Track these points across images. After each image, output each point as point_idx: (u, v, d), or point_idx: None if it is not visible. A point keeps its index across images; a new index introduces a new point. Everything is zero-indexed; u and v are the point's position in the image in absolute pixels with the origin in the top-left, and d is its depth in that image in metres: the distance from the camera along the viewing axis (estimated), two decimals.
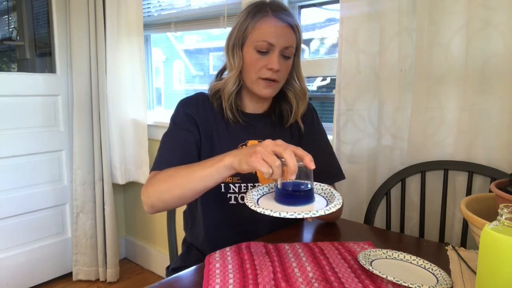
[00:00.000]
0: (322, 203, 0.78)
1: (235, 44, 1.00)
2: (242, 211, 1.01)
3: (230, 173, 0.78)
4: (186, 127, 1.00)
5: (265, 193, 0.84)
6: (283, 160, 0.71)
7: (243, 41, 0.99)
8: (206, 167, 0.80)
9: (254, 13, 0.97)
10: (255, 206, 0.74)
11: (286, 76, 1.03)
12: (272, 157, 0.71)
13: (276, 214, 0.70)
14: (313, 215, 0.70)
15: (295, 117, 1.07)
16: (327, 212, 0.71)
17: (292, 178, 0.70)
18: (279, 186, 0.77)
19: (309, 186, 0.78)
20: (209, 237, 1.06)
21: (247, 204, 0.76)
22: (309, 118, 1.11)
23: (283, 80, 1.02)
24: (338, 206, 0.74)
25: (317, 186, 0.84)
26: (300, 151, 0.72)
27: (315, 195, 0.81)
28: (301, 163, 0.72)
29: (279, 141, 0.74)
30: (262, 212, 0.71)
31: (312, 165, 0.72)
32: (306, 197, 0.77)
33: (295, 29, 0.99)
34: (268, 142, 0.73)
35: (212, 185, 0.82)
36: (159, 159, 0.96)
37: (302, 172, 0.75)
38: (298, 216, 0.70)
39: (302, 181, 0.76)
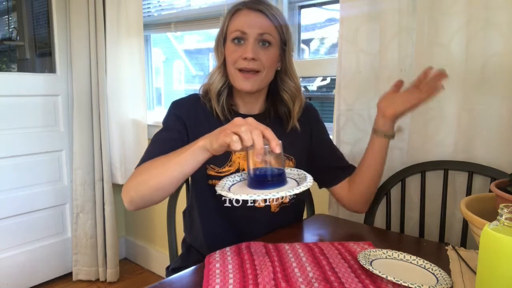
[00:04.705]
0: (293, 185, 0.78)
1: (219, 43, 1.03)
2: (238, 213, 1.01)
3: (204, 156, 0.78)
4: (175, 127, 1.01)
5: (241, 179, 0.85)
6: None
7: (224, 38, 1.01)
8: (181, 153, 0.80)
9: (230, 11, 1.01)
10: (221, 190, 0.75)
11: (269, 66, 0.99)
12: (238, 128, 0.70)
13: (237, 197, 0.72)
14: (272, 197, 0.71)
15: (293, 118, 1.06)
16: (288, 194, 0.71)
17: (258, 159, 0.70)
18: (251, 173, 0.77)
19: (280, 170, 0.77)
20: (208, 239, 1.06)
21: (216, 189, 0.78)
22: (314, 120, 1.12)
23: (265, 70, 0.99)
24: (304, 188, 0.73)
25: (293, 171, 0.85)
26: (268, 132, 0.71)
27: (288, 179, 0.81)
28: (267, 146, 0.71)
29: (250, 119, 0.73)
30: (225, 196, 0.73)
31: (277, 149, 0.71)
32: (278, 181, 0.77)
33: (270, 17, 0.98)
34: (238, 119, 0.73)
35: (188, 171, 0.81)
36: (143, 156, 0.96)
37: (272, 155, 0.75)
38: (258, 198, 0.71)
39: (273, 167, 0.76)
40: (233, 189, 0.79)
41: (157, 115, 2.32)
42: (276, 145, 0.71)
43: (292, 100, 1.06)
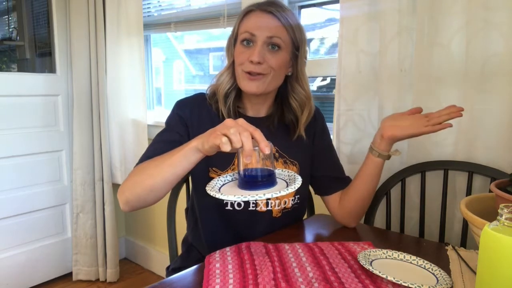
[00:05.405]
0: (282, 187, 0.78)
1: (230, 44, 1.03)
2: (239, 217, 1.01)
3: (197, 156, 0.78)
4: (175, 129, 1.00)
5: (233, 179, 0.85)
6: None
7: (235, 39, 1.01)
8: (174, 154, 0.80)
9: (243, 11, 1.00)
10: (210, 190, 0.75)
11: (277, 69, 0.97)
12: (227, 129, 0.70)
13: (224, 197, 0.72)
14: (259, 199, 0.71)
15: (300, 126, 1.05)
16: (274, 196, 0.71)
17: (247, 161, 0.70)
18: (241, 173, 0.78)
19: (270, 171, 0.78)
20: (208, 240, 1.06)
21: (206, 188, 0.78)
22: (319, 125, 1.11)
23: (272, 73, 0.97)
24: (292, 190, 0.74)
25: (284, 172, 0.85)
26: (258, 134, 0.71)
27: (278, 179, 0.82)
28: (257, 147, 0.72)
29: (241, 120, 0.73)
30: (214, 196, 0.74)
31: (266, 150, 0.71)
32: (267, 182, 0.77)
33: (282, 20, 0.96)
34: (228, 120, 0.74)
35: (181, 172, 0.81)
36: (142, 156, 0.96)
37: (264, 157, 0.75)
38: (244, 199, 0.71)
39: (264, 167, 0.77)
40: (223, 189, 0.79)
41: (157, 115, 2.32)
42: (265, 146, 0.71)
43: (301, 108, 1.04)
